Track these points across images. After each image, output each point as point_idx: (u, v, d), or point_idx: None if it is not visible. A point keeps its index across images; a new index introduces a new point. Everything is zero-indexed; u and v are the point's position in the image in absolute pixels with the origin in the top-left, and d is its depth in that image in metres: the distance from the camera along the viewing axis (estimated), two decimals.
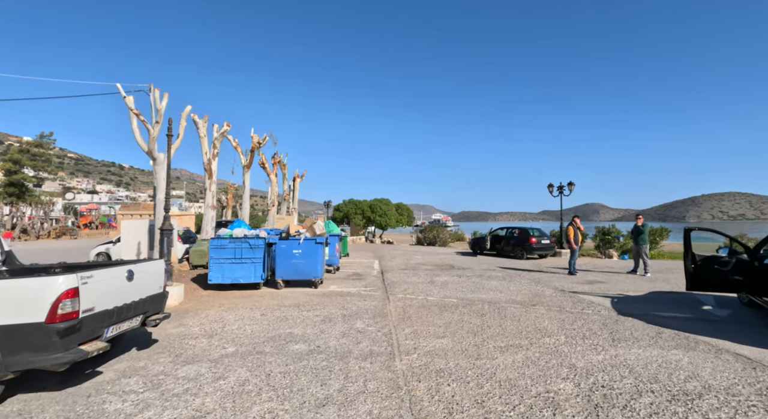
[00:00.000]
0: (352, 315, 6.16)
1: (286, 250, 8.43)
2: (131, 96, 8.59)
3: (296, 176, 26.01)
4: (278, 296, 7.75)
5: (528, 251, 15.96)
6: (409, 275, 10.81)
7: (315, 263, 8.48)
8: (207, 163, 12.07)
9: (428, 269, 12.10)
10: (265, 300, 7.32)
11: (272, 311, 6.38)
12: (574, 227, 11.14)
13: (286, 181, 21.09)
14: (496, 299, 7.44)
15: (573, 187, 17.49)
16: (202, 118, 11.91)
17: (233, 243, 8.26)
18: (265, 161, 18.29)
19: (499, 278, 10.13)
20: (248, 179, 15.29)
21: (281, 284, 8.48)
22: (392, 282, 9.50)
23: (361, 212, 34.00)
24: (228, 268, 8.21)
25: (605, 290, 8.56)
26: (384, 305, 6.91)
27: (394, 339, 4.94)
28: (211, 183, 12.19)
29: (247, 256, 8.29)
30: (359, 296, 7.82)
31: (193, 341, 4.85)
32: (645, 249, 10.88)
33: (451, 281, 9.75)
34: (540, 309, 6.60)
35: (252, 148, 15.06)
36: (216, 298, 7.51)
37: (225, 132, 12.34)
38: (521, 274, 11.12)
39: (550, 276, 10.69)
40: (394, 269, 12.25)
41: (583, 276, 10.69)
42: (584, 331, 5.27)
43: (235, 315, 6.16)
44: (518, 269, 12.28)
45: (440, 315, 6.24)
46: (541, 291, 8.30)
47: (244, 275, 8.25)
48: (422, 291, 8.30)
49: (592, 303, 7.09)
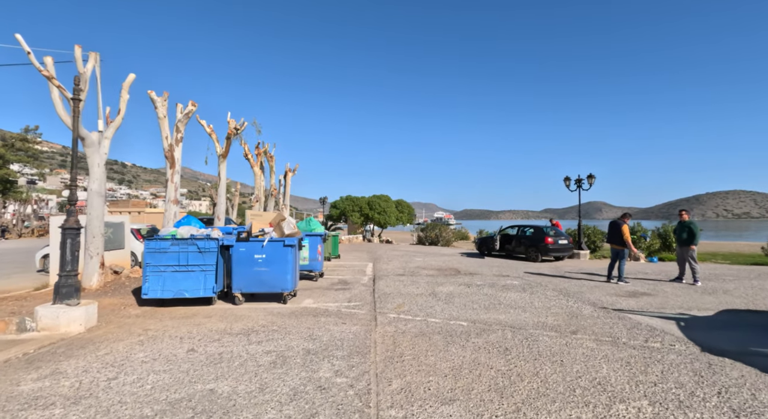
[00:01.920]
0: (320, 352, 4.28)
1: (245, 255, 6.55)
2: (50, 57, 6.71)
3: (288, 170, 24.15)
4: (231, 316, 5.87)
5: (543, 252, 14.05)
6: (407, 283, 8.92)
7: (283, 271, 6.60)
8: (168, 149, 10.19)
9: (429, 275, 10.20)
10: (210, 323, 5.44)
11: (207, 345, 4.50)
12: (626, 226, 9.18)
13: (275, 174, 19.19)
14: (521, 323, 5.54)
15: (593, 180, 15.53)
16: (162, 95, 10.03)
17: (177, 246, 6.38)
18: (248, 152, 16.40)
19: (517, 289, 8.22)
20: (224, 170, 13.41)
21: (240, 298, 6.61)
22: (384, 294, 7.61)
23: (359, 209, 32.11)
24: (170, 278, 6.34)
25: (658, 306, 6.64)
26: (368, 333, 5.02)
27: (373, 407, 3.05)
28: (174, 173, 10.31)
29: (195, 263, 6.42)
30: (338, 315, 5.93)
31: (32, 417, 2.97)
32: (694, 252, 8.91)
33: (458, 291, 7.85)
34: (586, 341, 4.70)
35: (228, 134, 13.18)
36: (146, 320, 5.63)
37: (190, 113, 10.46)
38: (542, 282, 9.20)
39: (578, 285, 8.77)
40: (390, 274, 10.37)
41: (619, 286, 8.77)
42: (673, 389, 3.36)
43: (150, 351, 4.29)
44: (536, 274, 10.37)
45: (445, 351, 4.35)
46: (577, 309, 6.39)
47: (191, 287, 6.38)
48: (421, 308, 6.41)
49: (654, 330, 5.17)
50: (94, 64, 7.08)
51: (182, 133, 10.52)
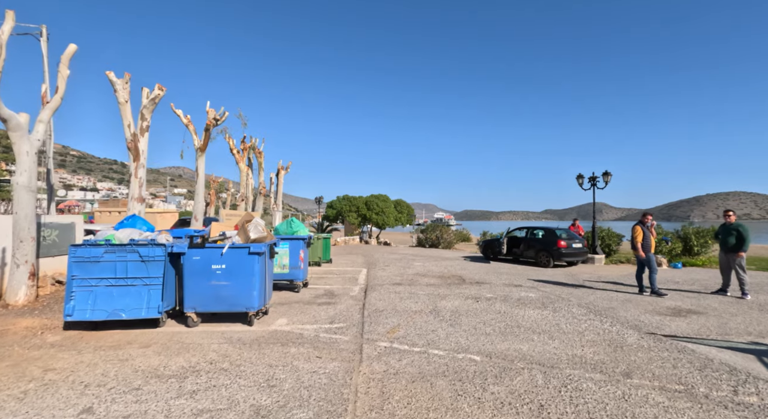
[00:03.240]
0: (274, 412, 2.96)
1: (199, 265, 5.23)
2: None
3: (280, 168, 22.86)
4: (175, 345, 4.54)
5: (555, 257, 12.72)
6: (404, 295, 7.59)
7: (247, 285, 5.27)
8: (131, 139, 8.87)
9: (430, 284, 8.87)
10: (141, 358, 4.11)
11: (116, 400, 3.17)
12: (642, 226, 7.84)
13: (263, 171, 17.86)
14: (551, 357, 4.21)
15: (609, 178, 14.19)
16: (122, 77, 8.71)
17: (113, 254, 5.05)
18: (234, 146, 15.08)
19: (536, 304, 6.89)
20: (202, 165, 12.08)
21: (194, 319, 5.28)
22: (376, 311, 6.28)
23: (356, 209, 30.76)
24: (104, 295, 5.01)
25: (719, 331, 5.30)
26: (349, 374, 3.70)
27: None
28: (138, 167, 8.99)
29: (136, 275, 5.09)
30: (314, 344, 4.61)
31: None
32: (743, 260, 7.56)
33: (465, 308, 6.52)
34: (649, 392, 3.37)
35: (207, 125, 11.87)
36: (59, 353, 4.29)
37: (157, 98, 9.14)
38: (563, 295, 7.87)
39: (606, 298, 7.44)
40: (385, 283, 9.04)
41: (655, 300, 7.44)
42: None
43: (25, 414, 2.96)
44: (552, 284, 9.04)
45: (454, 409, 3.03)
46: (618, 335, 5.05)
47: (130, 306, 5.04)
48: (421, 333, 5.09)
49: (735, 372, 3.84)
50: (11, 26, 5.76)
51: (148, 121, 9.20)
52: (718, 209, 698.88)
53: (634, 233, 7.76)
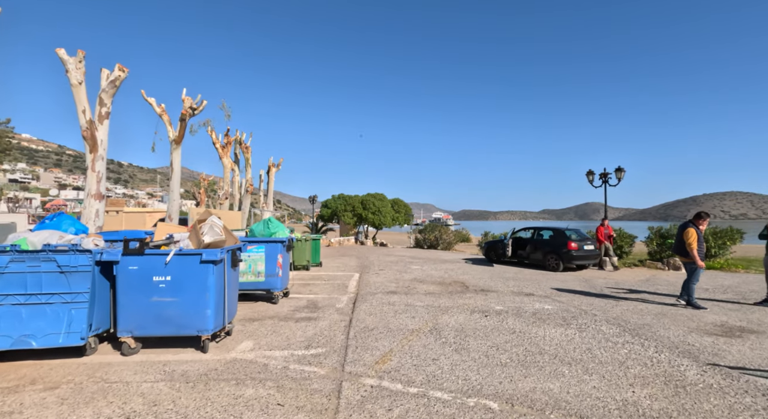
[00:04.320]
0: None
1: (137, 277, 4.10)
2: None
3: (271, 165, 21.69)
4: (92, 385, 3.42)
5: (566, 260, 11.65)
6: (399, 308, 6.48)
7: (200, 302, 4.15)
8: (86, 127, 7.73)
9: (430, 293, 7.77)
10: (36, 410, 3.00)
11: None
12: (696, 229, 6.70)
13: (250, 168, 16.71)
14: (593, 405, 3.11)
15: (623, 174, 13.12)
16: (75, 55, 7.57)
17: (21, 263, 3.92)
18: (216, 140, 13.93)
19: (556, 320, 5.79)
20: (178, 159, 10.93)
21: (130, 345, 4.15)
22: (365, 330, 5.17)
23: (351, 208, 29.64)
24: (7, 315, 3.88)
25: None
26: None
27: None
28: (95, 159, 7.85)
29: (52, 290, 3.96)
30: (278, 383, 3.50)
31: None
32: None
33: (472, 325, 5.42)
34: None
35: (183, 115, 10.73)
36: None
37: (118, 81, 8.00)
38: (584, 306, 6.77)
39: (637, 311, 6.35)
40: (378, 291, 7.94)
41: (692, 313, 6.36)
42: None
43: None
44: (568, 292, 7.95)
45: None
46: (671, 366, 3.96)
47: (43, 330, 3.91)
48: (418, 363, 3.98)
49: None
50: None
51: (108, 107, 8.06)
52: (714, 208, 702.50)
53: (688, 238, 6.58)
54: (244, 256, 6.66)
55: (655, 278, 10.51)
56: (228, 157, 14.52)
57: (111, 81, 7.94)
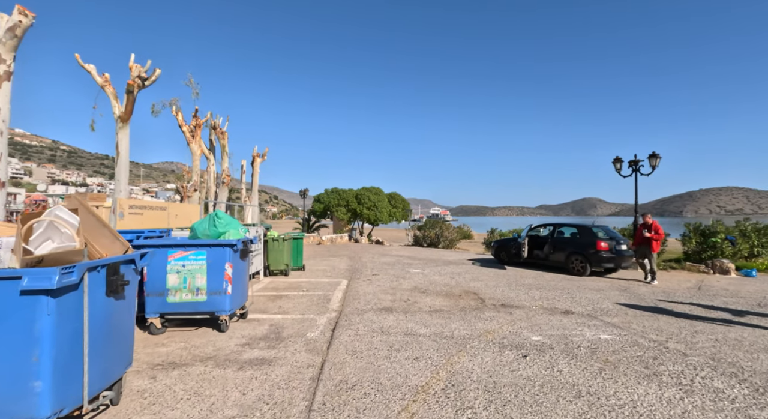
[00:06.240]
0: None
1: None
2: None
3: (256, 155, 19.70)
4: None
5: (594, 262, 9.78)
6: (396, 339, 4.56)
7: (17, 370, 2.21)
8: None
9: (436, 310, 5.86)
10: None
11: None
12: None
13: (227, 156, 14.71)
14: None
15: (658, 161, 11.21)
16: None
17: None
18: (183, 122, 11.91)
19: (636, 368, 3.87)
20: (126, 140, 8.93)
21: None
22: (341, 391, 3.24)
23: (345, 203, 27.66)
24: None
25: None
26: None
27: None
28: None
29: None
30: None
31: None
32: None
33: (508, 379, 3.50)
34: None
35: (129, 86, 8.71)
36: None
37: (17, 29, 5.99)
38: (653, 334, 4.86)
39: (734, 342, 4.45)
40: (369, 308, 6.02)
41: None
42: None
43: None
44: (617, 307, 6.06)
45: None
46: None
47: None
48: None
49: None
50: None
51: (8, 64, 6.06)
52: (710, 204, 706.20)
53: None
54: (176, 266, 4.72)
55: (706, 285, 8.66)
56: (198, 142, 12.50)
57: (8, 29, 5.92)
